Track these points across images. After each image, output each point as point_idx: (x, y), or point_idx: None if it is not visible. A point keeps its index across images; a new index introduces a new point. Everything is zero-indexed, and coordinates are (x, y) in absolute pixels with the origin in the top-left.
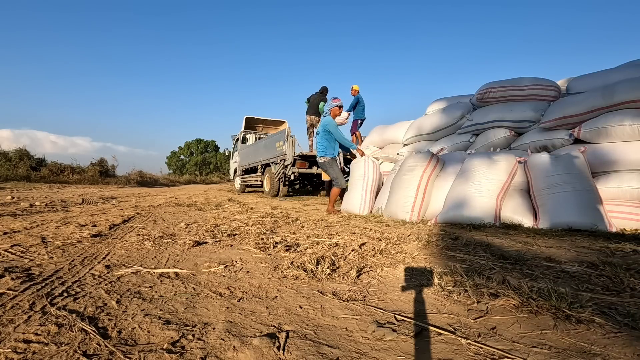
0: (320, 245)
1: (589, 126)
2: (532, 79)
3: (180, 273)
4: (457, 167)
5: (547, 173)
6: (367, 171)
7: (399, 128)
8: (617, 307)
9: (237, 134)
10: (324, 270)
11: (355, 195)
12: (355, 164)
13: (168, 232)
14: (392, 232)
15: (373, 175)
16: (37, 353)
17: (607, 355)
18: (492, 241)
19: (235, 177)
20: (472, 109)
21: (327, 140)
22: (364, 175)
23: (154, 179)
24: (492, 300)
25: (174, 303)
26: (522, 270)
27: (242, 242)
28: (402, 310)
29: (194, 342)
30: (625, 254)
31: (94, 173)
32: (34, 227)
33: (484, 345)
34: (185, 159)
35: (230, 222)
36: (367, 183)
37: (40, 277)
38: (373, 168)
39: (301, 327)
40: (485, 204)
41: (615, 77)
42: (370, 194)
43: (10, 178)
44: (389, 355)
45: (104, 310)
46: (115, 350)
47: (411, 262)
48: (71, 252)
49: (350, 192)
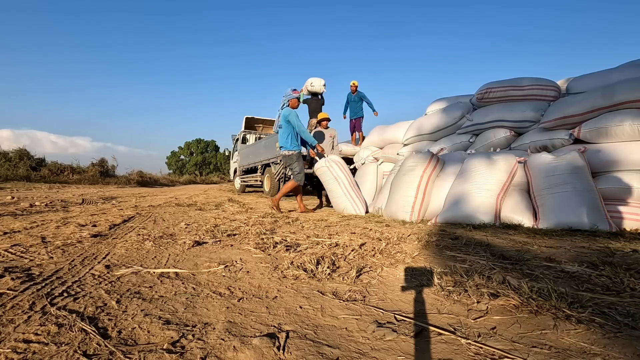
0: (320, 245)
1: (589, 126)
2: (532, 79)
3: (180, 273)
4: (457, 167)
5: (547, 173)
6: (334, 171)
7: (399, 128)
8: (617, 307)
9: (237, 134)
10: (324, 270)
11: (342, 200)
12: (319, 171)
13: (168, 232)
14: (392, 232)
15: (342, 172)
16: (37, 353)
17: (607, 355)
18: (492, 241)
19: (235, 177)
20: (472, 109)
21: (289, 132)
22: (335, 177)
23: (154, 179)
24: (492, 300)
25: (174, 303)
26: (522, 270)
27: (242, 242)
28: (402, 310)
29: (194, 342)
30: (625, 254)
31: (94, 173)
32: (34, 227)
33: (484, 345)
34: (185, 159)
35: (230, 222)
36: (342, 183)
37: (40, 277)
38: (337, 166)
39: (301, 327)
40: (485, 204)
41: (615, 77)
42: (353, 191)
43: (10, 178)
44: (389, 355)
45: (104, 310)
46: (115, 350)
47: (411, 262)
48: (71, 252)
49: (335, 199)
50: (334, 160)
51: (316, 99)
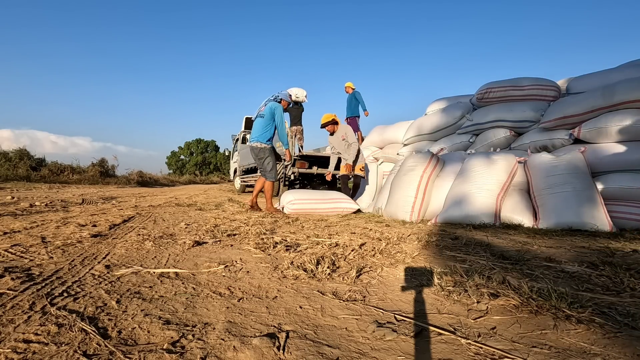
0: (320, 245)
1: (589, 126)
2: (532, 79)
3: (180, 273)
4: (457, 167)
5: (547, 173)
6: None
7: (399, 128)
8: (617, 307)
9: (237, 134)
10: (324, 270)
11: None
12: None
13: (168, 232)
14: (392, 232)
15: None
16: (37, 353)
17: (607, 355)
18: (492, 241)
19: (235, 177)
20: (472, 109)
21: (268, 125)
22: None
23: (154, 179)
24: (492, 300)
25: (174, 303)
26: (522, 270)
27: (242, 242)
28: (402, 310)
29: (194, 342)
30: (625, 254)
31: (94, 173)
32: (34, 227)
33: (484, 345)
34: (185, 159)
35: (230, 222)
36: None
37: (40, 277)
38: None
39: (301, 327)
40: (485, 204)
41: (615, 77)
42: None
43: (10, 178)
44: (389, 355)
45: (104, 310)
46: (115, 350)
47: (411, 262)
48: (71, 252)
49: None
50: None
51: (297, 107)
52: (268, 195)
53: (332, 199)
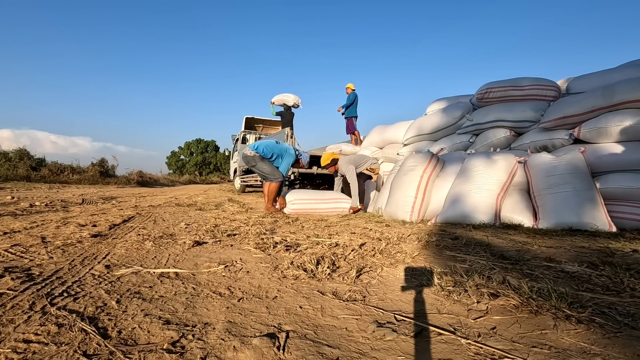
0: (320, 245)
1: (589, 126)
2: (532, 79)
3: (180, 273)
4: (457, 167)
5: (547, 173)
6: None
7: (399, 128)
8: (617, 307)
9: (237, 134)
10: (324, 270)
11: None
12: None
13: (168, 232)
14: (392, 232)
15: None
16: (37, 353)
17: (607, 355)
18: (492, 241)
19: (235, 177)
20: (472, 109)
21: (274, 150)
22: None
23: (154, 179)
24: (492, 300)
25: (174, 303)
26: (522, 270)
27: (242, 242)
28: (402, 310)
29: (194, 342)
30: (625, 254)
31: (94, 173)
32: (34, 227)
33: (484, 345)
34: (185, 159)
35: (230, 222)
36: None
37: (40, 277)
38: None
39: (301, 327)
40: (485, 204)
41: (615, 77)
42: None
43: (10, 178)
44: (389, 355)
45: (104, 310)
46: (115, 350)
47: (411, 262)
48: (71, 252)
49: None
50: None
51: (289, 112)
52: (271, 196)
53: (332, 198)
